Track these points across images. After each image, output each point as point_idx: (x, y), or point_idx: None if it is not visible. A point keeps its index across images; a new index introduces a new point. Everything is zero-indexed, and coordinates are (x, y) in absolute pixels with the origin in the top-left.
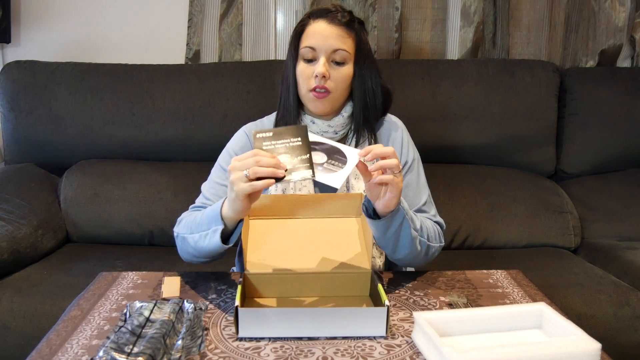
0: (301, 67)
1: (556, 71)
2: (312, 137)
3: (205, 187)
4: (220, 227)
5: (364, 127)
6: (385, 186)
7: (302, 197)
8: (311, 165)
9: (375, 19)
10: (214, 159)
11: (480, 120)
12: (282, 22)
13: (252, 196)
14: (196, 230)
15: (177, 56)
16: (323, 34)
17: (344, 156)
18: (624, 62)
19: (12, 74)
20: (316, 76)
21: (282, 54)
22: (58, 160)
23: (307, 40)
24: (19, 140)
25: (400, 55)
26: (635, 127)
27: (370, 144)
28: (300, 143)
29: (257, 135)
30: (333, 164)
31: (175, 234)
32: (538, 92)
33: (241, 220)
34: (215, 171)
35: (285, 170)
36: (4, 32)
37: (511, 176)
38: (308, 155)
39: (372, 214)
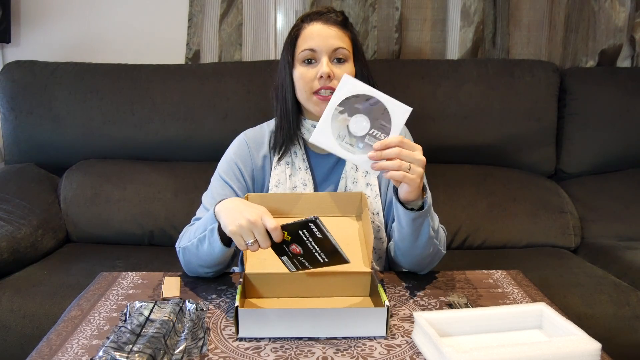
0: (301, 71)
1: (556, 71)
2: (360, 88)
3: (205, 198)
4: (217, 225)
5: None
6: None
7: (302, 196)
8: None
9: (375, 19)
10: (214, 159)
11: (480, 120)
12: (282, 22)
13: None
14: (194, 237)
15: (177, 56)
16: (321, 35)
17: (389, 122)
18: (624, 62)
19: (12, 74)
20: (321, 77)
21: None
22: (58, 160)
23: (305, 43)
24: (19, 140)
25: (400, 55)
26: (635, 127)
27: None
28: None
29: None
30: (375, 136)
31: (177, 250)
32: (538, 92)
33: None
34: (215, 182)
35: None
36: (4, 32)
37: (511, 176)
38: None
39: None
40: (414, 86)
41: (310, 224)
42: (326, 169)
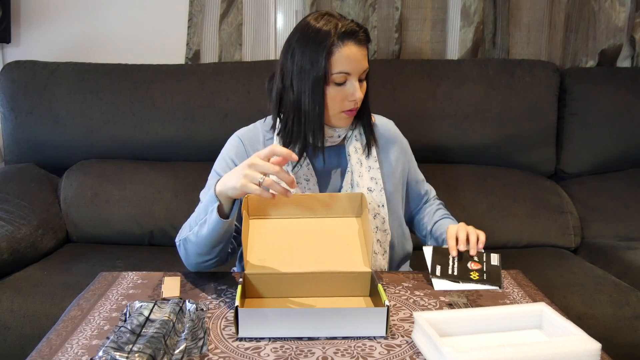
0: (332, 92)
1: (556, 71)
2: None
3: (203, 195)
4: (216, 204)
5: (363, 127)
6: None
7: (302, 197)
8: None
9: (375, 19)
10: (214, 159)
11: (480, 120)
12: (282, 22)
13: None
14: (195, 224)
15: (177, 56)
16: (356, 58)
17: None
18: (624, 62)
19: (12, 74)
20: (353, 100)
21: None
22: (58, 160)
23: (340, 65)
24: (19, 140)
25: (400, 55)
26: (635, 127)
27: (369, 144)
28: None
29: None
30: None
31: (177, 244)
32: (538, 92)
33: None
34: (212, 179)
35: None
36: (4, 32)
37: (511, 176)
38: None
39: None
40: (414, 86)
41: None
42: (327, 164)
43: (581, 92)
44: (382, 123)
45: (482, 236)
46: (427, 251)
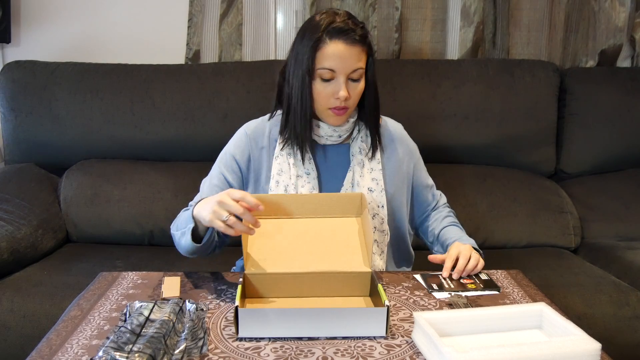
0: (318, 87)
1: (556, 71)
2: None
3: (204, 185)
4: (191, 226)
5: (369, 129)
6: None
7: (302, 197)
8: None
9: (375, 19)
10: (214, 159)
11: (480, 120)
12: (282, 22)
13: None
14: (179, 228)
15: (177, 56)
16: (342, 56)
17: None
18: (624, 62)
19: (12, 74)
20: (337, 98)
21: (282, 54)
22: (58, 160)
23: (325, 62)
24: (19, 140)
25: (400, 55)
26: (635, 127)
27: (375, 147)
28: None
29: None
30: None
31: (171, 231)
32: (538, 92)
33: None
34: (213, 171)
35: None
36: (4, 32)
37: (511, 176)
38: None
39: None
40: (414, 86)
41: None
42: (330, 161)
43: (581, 92)
44: (390, 124)
45: (480, 266)
46: (418, 277)
